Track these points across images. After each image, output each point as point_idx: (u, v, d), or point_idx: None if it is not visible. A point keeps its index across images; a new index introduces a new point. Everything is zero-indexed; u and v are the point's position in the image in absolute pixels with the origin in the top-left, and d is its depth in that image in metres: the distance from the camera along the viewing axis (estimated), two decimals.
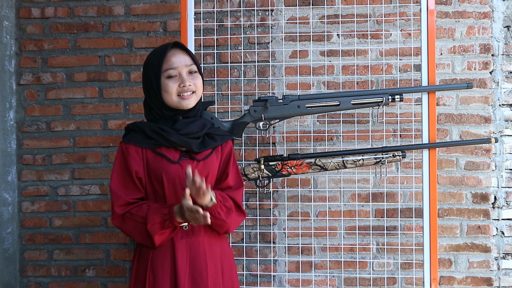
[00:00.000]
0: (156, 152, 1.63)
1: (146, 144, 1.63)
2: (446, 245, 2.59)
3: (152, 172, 1.62)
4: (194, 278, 1.61)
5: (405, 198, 2.59)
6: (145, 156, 1.63)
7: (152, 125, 1.64)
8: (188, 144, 1.64)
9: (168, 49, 1.64)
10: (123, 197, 1.60)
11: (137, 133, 1.65)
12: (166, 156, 1.62)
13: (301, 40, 2.61)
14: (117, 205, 1.59)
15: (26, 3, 2.75)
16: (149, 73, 1.65)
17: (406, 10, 2.58)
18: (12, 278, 2.70)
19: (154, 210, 1.57)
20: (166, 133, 1.61)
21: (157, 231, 1.55)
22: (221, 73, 2.62)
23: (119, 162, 1.64)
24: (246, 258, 2.60)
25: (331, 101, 2.04)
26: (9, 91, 2.71)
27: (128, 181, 1.62)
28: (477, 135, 2.59)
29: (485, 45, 2.58)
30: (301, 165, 2.03)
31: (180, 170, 1.62)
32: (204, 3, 2.63)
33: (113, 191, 1.61)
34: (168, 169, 1.61)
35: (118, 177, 1.63)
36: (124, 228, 1.61)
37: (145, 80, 1.67)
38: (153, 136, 1.62)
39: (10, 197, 2.69)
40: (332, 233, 2.60)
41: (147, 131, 1.62)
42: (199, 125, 1.68)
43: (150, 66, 1.65)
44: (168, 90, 1.63)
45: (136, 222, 1.57)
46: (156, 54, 1.66)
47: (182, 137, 1.63)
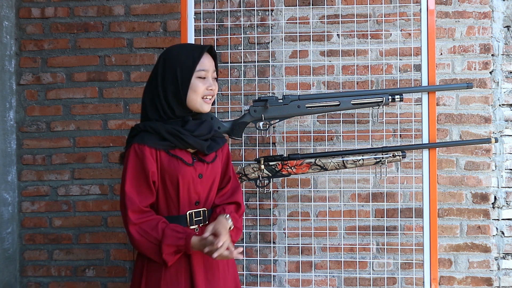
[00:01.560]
0: (170, 154, 1.60)
1: (161, 145, 1.59)
2: (446, 245, 2.59)
3: (167, 175, 1.59)
4: (208, 280, 1.62)
5: (405, 198, 2.59)
6: (159, 158, 1.59)
7: (167, 126, 1.60)
8: (202, 146, 1.63)
9: (205, 50, 1.64)
10: (136, 203, 1.54)
11: (150, 134, 1.59)
12: (182, 159, 1.60)
13: (301, 40, 2.61)
14: (131, 211, 1.53)
15: (26, 3, 2.75)
16: (175, 69, 1.60)
17: (406, 10, 2.58)
18: (12, 278, 2.70)
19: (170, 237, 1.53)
20: (184, 135, 1.59)
21: (171, 259, 1.54)
22: (221, 73, 2.62)
23: (133, 164, 1.57)
24: (246, 258, 2.60)
25: (331, 101, 2.04)
26: (9, 91, 2.71)
27: (143, 184, 1.57)
28: (477, 135, 2.59)
29: (485, 45, 2.58)
30: (301, 165, 2.03)
31: (194, 172, 1.61)
32: (204, 3, 2.63)
33: (128, 195, 1.54)
34: (184, 171, 1.59)
35: (132, 180, 1.56)
36: (136, 241, 1.55)
37: (167, 76, 1.61)
38: (168, 137, 1.58)
39: (10, 197, 2.69)
40: (332, 233, 2.60)
41: (163, 132, 1.58)
42: (207, 127, 1.67)
43: (179, 63, 1.61)
44: (197, 90, 1.62)
45: (149, 242, 1.53)
46: (189, 52, 1.63)
47: (197, 139, 1.61)
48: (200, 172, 1.63)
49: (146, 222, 1.55)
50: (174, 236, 1.54)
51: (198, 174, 1.62)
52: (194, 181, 1.61)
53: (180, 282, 1.58)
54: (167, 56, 1.64)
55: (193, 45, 1.70)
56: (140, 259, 1.65)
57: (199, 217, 1.64)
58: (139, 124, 1.63)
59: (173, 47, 1.67)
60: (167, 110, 1.62)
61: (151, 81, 1.65)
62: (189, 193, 1.61)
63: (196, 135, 1.62)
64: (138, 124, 1.64)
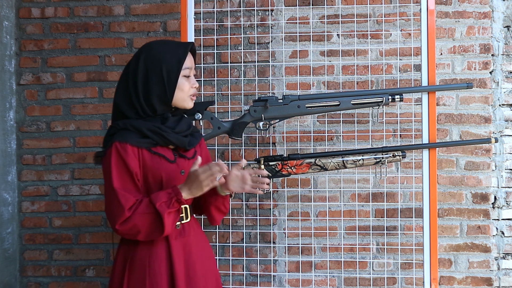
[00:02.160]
0: (152, 152, 1.59)
1: (143, 143, 1.57)
2: (446, 245, 2.59)
3: (149, 173, 1.58)
4: (188, 277, 1.61)
5: (405, 198, 2.59)
6: (141, 156, 1.57)
7: (148, 124, 1.58)
8: (182, 142, 1.62)
9: (189, 48, 1.63)
10: (131, 198, 1.52)
11: (130, 132, 1.57)
12: (164, 156, 1.60)
13: (301, 40, 2.61)
14: (128, 207, 1.51)
15: (26, 3, 2.75)
16: (160, 69, 1.58)
17: (406, 10, 2.58)
18: (12, 278, 2.70)
19: (156, 193, 1.53)
20: (165, 132, 1.58)
21: (166, 209, 1.50)
22: (221, 73, 2.62)
23: (116, 162, 1.54)
24: (246, 258, 2.60)
25: (331, 101, 2.04)
26: (9, 91, 2.71)
27: (129, 182, 1.55)
28: (477, 135, 2.59)
29: (485, 45, 2.58)
30: (301, 165, 2.03)
31: (177, 169, 1.62)
32: (204, 3, 2.63)
33: (120, 193, 1.51)
34: (167, 168, 1.60)
35: (118, 178, 1.53)
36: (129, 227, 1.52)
37: (150, 76, 1.59)
38: (150, 135, 1.57)
39: (10, 197, 2.69)
40: (332, 233, 2.60)
41: (144, 130, 1.57)
42: (186, 123, 1.68)
43: (164, 63, 1.59)
44: (184, 89, 1.63)
45: (141, 215, 1.50)
46: (174, 51, 1.61)
47: (178, 136, 1.61)
48: (182, 168, 1.63)
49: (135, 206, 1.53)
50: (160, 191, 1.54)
51: (181, 170, 1.62)
52: (177, 178, 1.61)
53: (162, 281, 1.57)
54: (149, 55, 1.60)
55: (174, 43, 1.66)
56: (121, 257, 1.63)
57: (181, 214, 1.62)
58: (118, 122, 1.60)
59: (153, 45, 1.63)
60: (146, 109, 1.60)
61: (126, 80, 1.61)
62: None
63: (177, 131, 1.61)
64: (117, 122, 1.60)
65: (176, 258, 1.59)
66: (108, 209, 1.55)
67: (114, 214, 1.52)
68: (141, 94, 1.59)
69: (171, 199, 1.52)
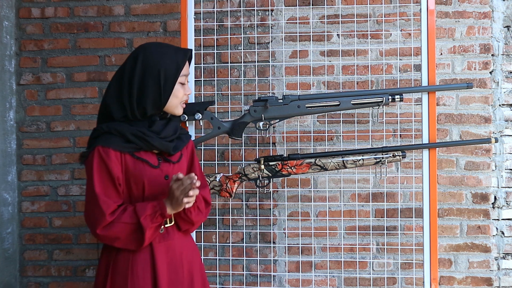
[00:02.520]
0: (135, 157, 1.57)
1: (126, 148, 1.55)
2: (446, 245, 2.59)
3: (132, 177, 1.56)
4: (171, 280, 1.60)
5: (405, 198, 2.59)
6: (124, 161, 1.55)
7: (132, 128, 1.56)
8: (167, 147, 1.61)
9: (188, 55, 1.63)
10: (112, 204, 1.51)
11: (114, 136, 1.55)
12: (147, 161, 1.58)
13: (301, 40, 2.61)
14: (108, 213, 1.50)
15: (26, 3, 2.75)
16: (158, 74, 1.57)
17: (406, 10, 2.58)
18: (12, 278, 2.70)
19: (142, 205, 1.52)
20: (149, 137, 1.56)
21: (149, 223, 1.50)
22: (221, 73, 2.62)
23: (98, 167, 1.53)
24: (246, 258, 2.60)
25: (331, 101, 2.04)
26: (9, 91, 2.71)
27: (110, 187, 1.53)
28: (477, 135, 2.59)
29: (485, 45, 2.58)
30: (301, 165, 2.03)
31: (161, 174, 1.60)
32: (204, 3, 2.63)
33: (101, 198, 1.50)
34: (150, 174, 1.58)
35: (100, 183, 1.52)
36: (110, 233, 1.51)
37: (146, 79, 1.57)
38: (134, 140, 1.55)
39: (10, 197, 2.69)
40: (332, 233, 2.60)
41: (128, 134, 1.55)
42: (173, 127, 1.66)
43: (163, 68, 1.57)
44: (178, 96, 1.62)
45: (124, 224, 1.50)
46: (172, 56, 1.59)
47: (162, 141, 1.59)
48: (166, 173, 1.61)
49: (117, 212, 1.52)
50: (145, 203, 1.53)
51: (164, 175, 1.61)
52: (160, 183, 1.59)
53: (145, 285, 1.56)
54: (147, 57, 1.58)
55: (173, 48, 1.64)
56: (104, 260, 1.62)
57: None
58: (102, 126, 1.58)
59: (151, 48, 1.61)
60: (136, 112, 1.58)
61: (121, 80, 1.59)
62: (155, 194, 1.59)
63: (163, 136, 1.60)
64: (101, 125, 1.59)
65: (159, 262, 1.58)
66: (88, 212, 1.54)
67: (95, 219, 1.51)
68: (135, 96, 1.57)
69: (155, 213, 1.51)
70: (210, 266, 2.60)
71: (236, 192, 2.24)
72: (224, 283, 2.60)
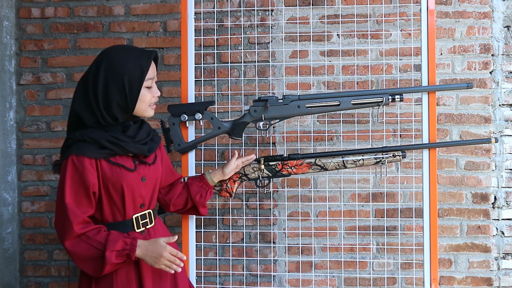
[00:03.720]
0: (111, 162, 1.56)
1: (100, 154, 1.54)
2: (446, 245, 2.59)
3: (109, 183, 1.55)
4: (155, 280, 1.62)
5: (405, 198, 2.59)
6: (100, 167, 1.54)
7: (105, 134, 1.55)
8: (142, 150, 1.61)
9: (152, 58, 1.59)
10: (80, 215, 1.50)
11: (87, 143, 1.54)
12: (123, 166, 1.58)
13: (301, 40, 2.61)
14: (76, 223, 1.48)
15: (26, 3, 2.75)
16: (122, 80, 1.54)
17: (406, 10, 2.58)
18: (12, 278, 2.70)
19: (116, 237, 1.52)
20: (123, 142, 1.56)
21: (113, 259, 1.49)
22: (221, 73, 2.62)
23: (71, 176, 1.51)
24: (246, 258, 2.60)
25: (331, 101, 2.04)
26: (9, 91, 2.71)
27: (82, 196, 1.52)
28: (477, 135, 2.59)
29: (485, 45, 2.58)
30: (301, 165, 2.03)
31: (137, 176, 1.60)
32: (204, 3, 2.63)
33: (70, 209, 1.48)
34: (127, 178, 1.57)
35: (71, 193, 1.50)
36: (75, 250, 1.50)
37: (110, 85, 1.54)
38: (108, 146, 1.54)
39: (10, 197, 2.69)
40: (332, 233, 2.60)
41: (102, 141, 1.53)
42: (146, 130, 1.67)
43: (126, 73, 1.54)
44: (146, 100, 1.60)
45: (90, 247, 1.49)
46: (136, 60, 1.56)
47: (137, 145, 1.59)
48: (143, 175, 1.62)
49: (90, 230, 1.51)
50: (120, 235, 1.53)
51: (142, 177, 1.61)
52: (138, 185, 1.60)
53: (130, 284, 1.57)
54: (110, 63, 1.55)
55: (137, 51, 1.60)
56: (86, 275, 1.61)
57: (145, 219, 1.64)
58: (75, 133, 1.57)
59: (114, 53, 1.58)
60: (107, 117, 1.56)
61: (86, 88, 1.56)
62: (134, 197, 1.60)
63: (137, 140, 1.60)
64: (74, 133, 1.57)
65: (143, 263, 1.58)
66: (56, 222, 1.53)
67: (62, 229, 1.51)
68: (101, 103, 1.55)
69: (123, 251, 1.51)
70: (210, 266, 2.60)
71: (236, 192, 2.24)
72: (224, 283, 2.60)
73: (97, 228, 1.53)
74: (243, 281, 2.59)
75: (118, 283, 1.57)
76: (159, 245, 1.53)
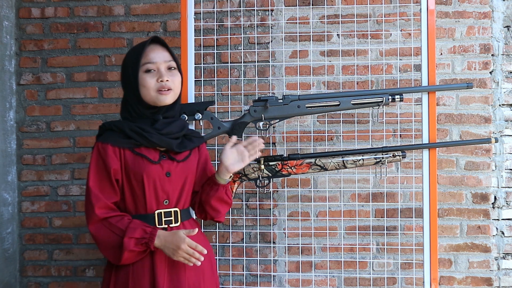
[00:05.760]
0: (135, 152, 1.59)
1: (125, 143, 1.59)
2: (446, 245, 2.59)
3: (131, 173, 1.58)
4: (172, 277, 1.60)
5: (405, 198, 2.59)
6: (123, 156, 1.59)
7: (131, 125, 1.60)
8: (169, 144, 1.62)
9: (147, 44, 1.65)
10: (103, 199, 1.55)
11: (114, 132, 1.61)
12: (146, 156, 1.59)
13: (301, 40, 2.61)
14: (98, 207, 1.53)
15: (26, 3, 2.75)
16: (127, 68, 1.65)
17: (406, 10, 2.58)
18: (12, 278, 2.70)
19: (136, 225, 1.53)
20: (147, 133, 1.58)
21: (131, 246, 1.51)
22: (221, 73, 2.62)
23: (95, 163, 1.59)
24: (246, 258, 2.60)
25: (331, 101, 2.04)
26: (9, 91, 2.71)
27: (106, 182, 1.57)
28: (477, 135, 2.59)
29: (485, 45, 2.58)
30: (301, 165, 2.03)
31: (160, 170, 1.60)
32: (204, 3, 2.63)
33: (93, 192, 1.55)
34: (148, 169, 1.59)
35: (95, 178, 1.57)
36: (97, 235, 1.54)
37: (124, 76, 1.67)
38: (132, 135, 1.58)
39: (10, 197, 2.69)
40: (332, 233, 2.60)
41: (126, 130, 1.58)
42: (179, 125, 1.67)
43: (128, 61, 1.65)
44: (146, 85, 1.61)
45: (111, 233, 1.53)
46: (135, 49, 1.67)
47: (163, 137, 1.60)
48: (167, 170, 1.62)
49: (113, 216, 1.55)
50: (141, 224, 1.54)
51: (166, 172, 1.61)
52: (161, 180, 1.60)
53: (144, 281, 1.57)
54: (124, 58, 1.70)
55: (140, 43, 1.70)
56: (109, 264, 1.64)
57: (169, 217, 1.62)
58: (105, 123, 1.65)
59: (129, 49, 1.73)
60: (135, 109, 1.64)
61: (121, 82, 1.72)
62: (156, 191, 1.60)
63: (164, 133, 1.61)
64: (104, 123, 1.66)
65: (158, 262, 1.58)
66: (85, 207, 1.58)
67: (87, 212, 1.56)
68: (124, 95, 1.68)
69: (142, 239, 1.52)
70: None
71: (236, 192, 2.24)
72: (224, 283, 2.60)
73: (120, 215, 1.56)
74: (243, 281, 2.59)
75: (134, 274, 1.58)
76: (178, 237, 1.52)
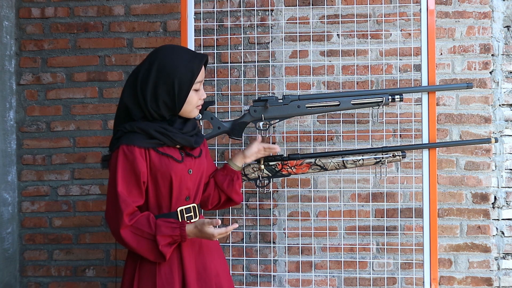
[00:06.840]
0: (160, 152, 1.60)
1: (149, 144, 1.58)
2: (446, 245, 2.59)
3: (159, 173, 1.58)
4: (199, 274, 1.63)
5: (405, 198, 2.59)
6: (149, 157, 1.58)
7: (155, 125, 1.59)
8: (190, 142, 1.65)
9: (203, 62, 1.64)
10: (131, 205, 1.53)
11: (137, 134, 1.59)
12: (171, 156, 1.61)
13: (301, 40, 2.61)
14: (126, 214, 1.51)
15: (26, 3, 2.75)
16: (172, 81, 1.58)
17: (406, 10, 2.58)
18: (12, 278, 2.70)
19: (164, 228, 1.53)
20: (171, 133, 1.60)
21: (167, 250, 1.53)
22: (221, 73, 2.62)
23: (123, 165, 1.54)
24: (246, 258, 2.60)
25: (331, 101, 2.04)
26: (9, 91, 2.71)
27: (133, 185, 1.55)
28: (477, 135, 2.59)
29: (485, 45, 2.58)
30: (301, 165, 2.03)
31: (184, 168, 1.63)
32: (204, 3, 2.63)
33: (122, 198, 1.51)
34: (176, 168, 1.60)
35: (123, 182, 1.54)
36: (130, 242, 1.53)
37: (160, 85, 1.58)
38: (157, 136, 1.58)
39: (10, 197, 2.69)
40: (332, 233, 2.60)
41: (152, 131, 1.57)
42: (192, 124, 1.70)
43: (177, 75, 1.58)
44: (192, 102, 1.64)
45: (143, 239, 1.52)
46: (188, 64, 1.60)
47: (185, 136, 1.63)
48: (189, 167, 1.65)
49: (137, 220, 1.54)
50: (168, 226, 1.54)
51: (188, 169, 1.64)
52: (185, 177, 1.63)
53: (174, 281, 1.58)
54: (162, 63, 1.59)
55: (189, 54, 1.64)
56: (131, 260, 1.64)
57: (189, 213, 1.65)
58: (125, 125, 1.60)
59: (167, 53, 1.62)
60: (154, 114, 1.60)
61: (135, 82, 1.61)
62: (181, 189, 1.62)
63: (184, 132, 1.64)
64: (124, 125, 1.61)
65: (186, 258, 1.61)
66: (109, 212, 1.55)
67: (115, 219, 1.53)
68: (149, 101, 1.59)
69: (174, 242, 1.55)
70: None
71: None
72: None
73: (143, 216, 1.55)
74: (243, 281, 2.59)
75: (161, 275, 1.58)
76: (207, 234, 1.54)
